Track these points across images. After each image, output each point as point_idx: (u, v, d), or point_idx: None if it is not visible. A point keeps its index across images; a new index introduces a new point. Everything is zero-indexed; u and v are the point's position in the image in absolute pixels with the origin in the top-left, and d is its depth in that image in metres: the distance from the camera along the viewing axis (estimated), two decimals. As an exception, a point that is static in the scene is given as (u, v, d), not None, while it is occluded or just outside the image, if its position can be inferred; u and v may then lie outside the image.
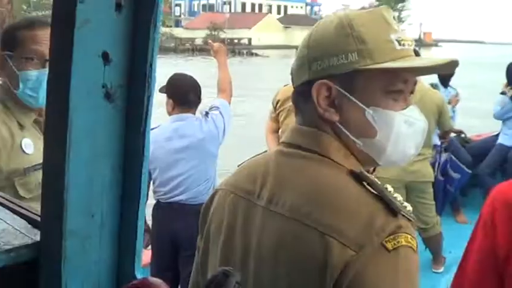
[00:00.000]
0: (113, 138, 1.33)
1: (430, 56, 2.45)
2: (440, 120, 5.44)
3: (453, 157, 6.64)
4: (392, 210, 1.21)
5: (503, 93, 7.17)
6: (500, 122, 7.39)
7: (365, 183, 1.26)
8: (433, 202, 5.62)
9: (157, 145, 4.24)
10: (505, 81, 7.32)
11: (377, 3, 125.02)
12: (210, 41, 5.13)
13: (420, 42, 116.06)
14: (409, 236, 1.20)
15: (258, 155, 1.56)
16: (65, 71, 1.25)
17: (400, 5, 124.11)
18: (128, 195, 1.37)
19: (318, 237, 1.20)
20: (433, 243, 5.63)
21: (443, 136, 6.17)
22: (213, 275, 1.03)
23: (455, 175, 6.52)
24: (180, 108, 4.35)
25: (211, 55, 4.86)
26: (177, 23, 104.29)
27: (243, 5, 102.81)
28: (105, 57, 1.29)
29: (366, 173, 1.28)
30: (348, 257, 1.16)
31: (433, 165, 5.87)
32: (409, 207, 1.25)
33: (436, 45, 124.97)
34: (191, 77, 4.51)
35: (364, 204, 1.23)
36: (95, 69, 1.28)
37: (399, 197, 1.26)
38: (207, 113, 4.42)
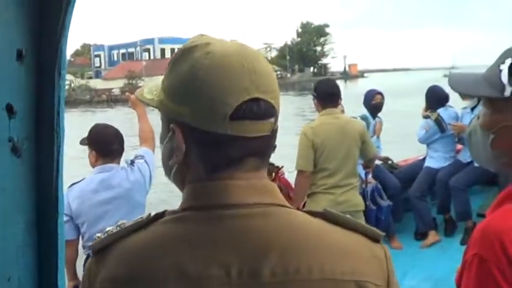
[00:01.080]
0: (24, 195, 1.26)
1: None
2: (363, 147, 5.42)
3: (379, 185, 6.73)
4: (375, 238, 1.23)
5: (426, 117, 7.31)
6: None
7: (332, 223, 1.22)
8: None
9: (84, 198, 4.15)
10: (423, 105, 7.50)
11: (298, 39, 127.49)
12: (128, 94, 5.06)
13: (346, 75, 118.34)
14: None
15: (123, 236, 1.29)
16: (-33, 128, 1.18)
17: (322, 39, 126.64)
18: (45, 254, 1.29)
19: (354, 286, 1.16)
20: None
21: (367, 165, 6.17)
22: None
23: (383, 203, 6.62)
24: (104, 159, 4.26)
25: (130, 106, 4.80)
26: (97, 74, 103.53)
27: (163, 51, 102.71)
28: (9, 109, 1.22)
29: (331, 210, 1.23)
30: None
31: (361, 195, 5.90)
32: (374, 228, 1.26)
33: (362, 76, 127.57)
34: (112, 127, 4.44)
35: (356, 242, 1.21)
36: None
37: (362, 221, 1.28)
38: (132, 162, 4.35)
